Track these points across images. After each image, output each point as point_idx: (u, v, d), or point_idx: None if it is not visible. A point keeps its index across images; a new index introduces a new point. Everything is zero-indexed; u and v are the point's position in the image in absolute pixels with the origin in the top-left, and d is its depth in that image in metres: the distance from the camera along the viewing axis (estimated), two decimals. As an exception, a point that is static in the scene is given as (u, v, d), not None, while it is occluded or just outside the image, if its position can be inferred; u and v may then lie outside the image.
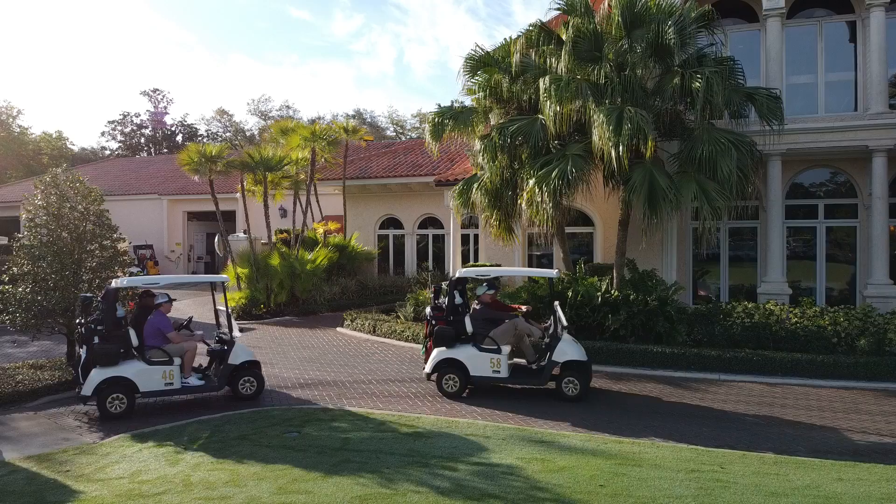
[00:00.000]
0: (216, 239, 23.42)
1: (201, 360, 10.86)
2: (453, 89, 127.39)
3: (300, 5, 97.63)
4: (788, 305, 12.99)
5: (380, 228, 24.14)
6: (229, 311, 10.45)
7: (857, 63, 14.85)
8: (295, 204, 20.91)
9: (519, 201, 13.84)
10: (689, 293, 15.91)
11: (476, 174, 15.01)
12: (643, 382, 11.06)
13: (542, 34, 14.05)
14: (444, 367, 10.09)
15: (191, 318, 11.12)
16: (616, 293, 13.03)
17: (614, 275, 13.77)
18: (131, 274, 13.14)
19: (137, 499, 6.14)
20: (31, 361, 12.01)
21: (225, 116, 63.28)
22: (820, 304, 14.43)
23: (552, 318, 10.33)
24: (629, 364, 11.94)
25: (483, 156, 13.99)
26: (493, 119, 14.75)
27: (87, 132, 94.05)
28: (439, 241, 23.10)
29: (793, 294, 14.33)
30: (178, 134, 60.03)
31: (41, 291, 10.83)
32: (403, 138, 55.29)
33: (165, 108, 59.88)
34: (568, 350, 9.82)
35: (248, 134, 61.19)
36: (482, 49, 14.91)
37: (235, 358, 10.03)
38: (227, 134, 61.75)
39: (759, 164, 13.91)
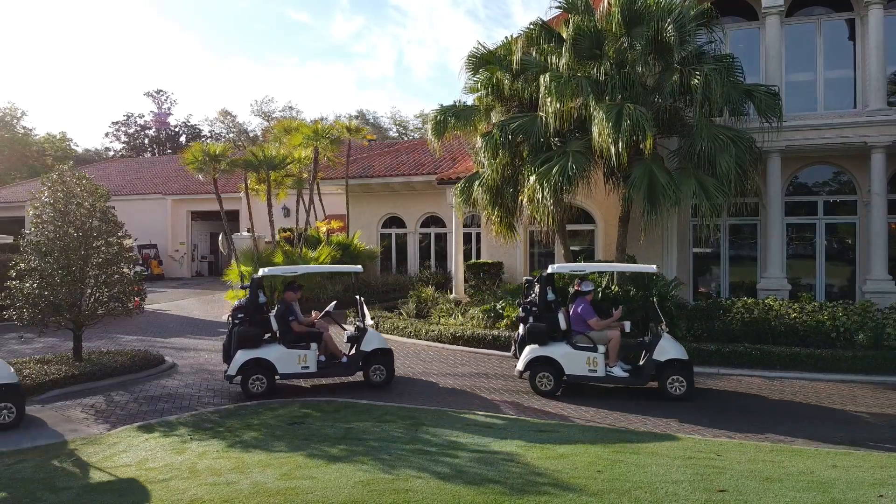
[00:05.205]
0: (220, 238, 23.55)
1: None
2: (453, 90, 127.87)
3: (299, 7, 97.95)
4: (788, 301, 13.07)
5: (382, 227, 24.26)
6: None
7: (856, 60, 14.92)
8: (298, 203, 21.05)
9: (520, 198, 13.94)
10: (690, 289, 15.99)
11: (477, 172, 15.10)
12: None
13: (542, 32, 14.17)
14: None
15: (619, 307, 10.72)
16: (616, 288, 13.14)
17: (615, 271, 13.87)
18: (136, 272, 13.23)
19: (144, 485, 6.26)
20: (37, 357, 12.13)
21: (228, 117, 63.46)
22: (820, 300, 14.51)
23: None
24: (629, 359, 12.00)
25: (484, 153, 14.09)
26: (495, 117, 14.87)
27: (90, 133, 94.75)
28: (442, 239, 23.20)
29: (793, 290, 14.38)
30: (181, 135, 60.25)
31: (48, 287, 10.93)
32: (406, 139, 55.36)
33: (169, 109, 60.21)
34: None
35: (251, 135, 61.31)
36: (484, 47, 15.04)
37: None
38: (231, 135, 61.88)
39: (759, 161, 13.98)
